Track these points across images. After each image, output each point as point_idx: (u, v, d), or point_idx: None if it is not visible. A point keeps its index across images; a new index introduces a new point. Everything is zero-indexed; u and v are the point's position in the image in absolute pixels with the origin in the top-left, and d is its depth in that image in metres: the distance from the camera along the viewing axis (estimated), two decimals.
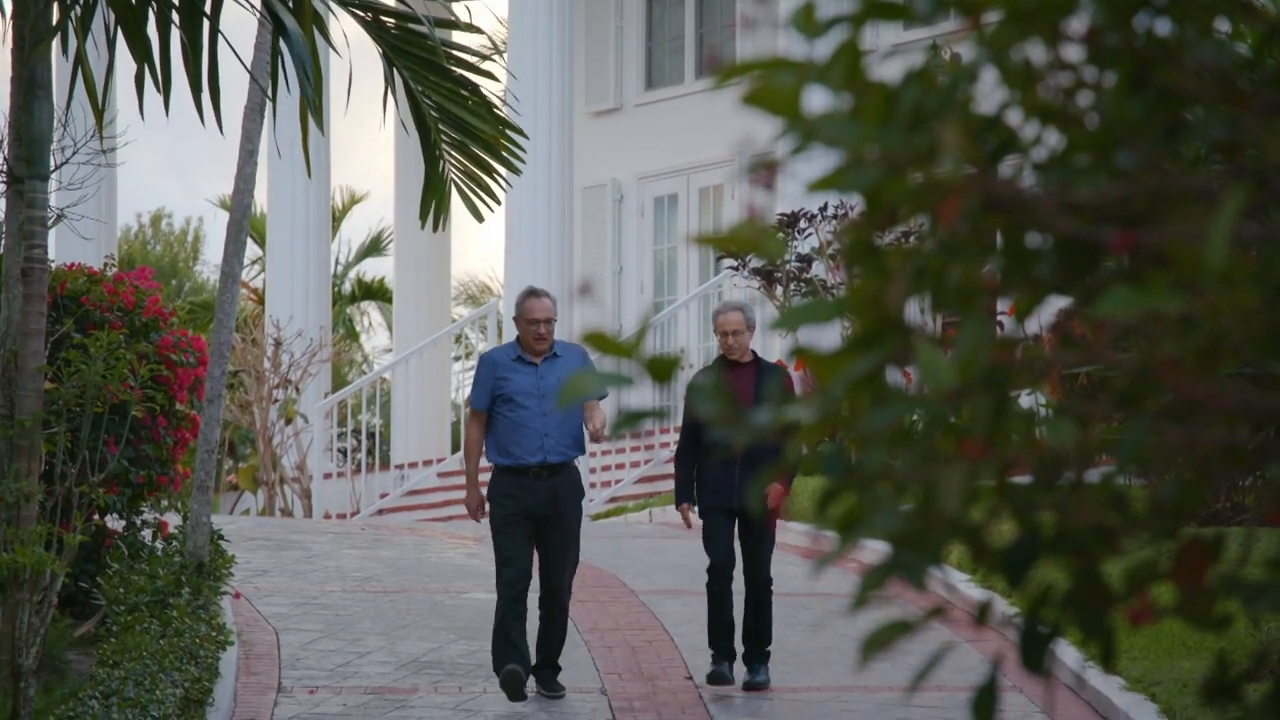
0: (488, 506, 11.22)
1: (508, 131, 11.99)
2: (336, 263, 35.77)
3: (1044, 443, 2.65)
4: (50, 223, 10.48)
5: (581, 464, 21.21)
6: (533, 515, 11.11)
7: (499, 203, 12.66)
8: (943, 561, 2.71)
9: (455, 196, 12.20)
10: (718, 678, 11.43)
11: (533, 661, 11.38)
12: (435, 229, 12.62)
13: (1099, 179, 2.56)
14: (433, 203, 12.09)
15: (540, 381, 11.17)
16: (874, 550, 2.77)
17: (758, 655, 11.55)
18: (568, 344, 11.35)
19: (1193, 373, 2.45)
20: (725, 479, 11.36)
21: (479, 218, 12.29)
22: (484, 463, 11.55)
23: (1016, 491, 2.68)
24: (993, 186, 2.58)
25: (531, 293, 11.31)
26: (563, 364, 11.21)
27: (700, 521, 11.56)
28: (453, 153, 12.09)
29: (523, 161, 12.32)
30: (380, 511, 22.80)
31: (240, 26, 34.14)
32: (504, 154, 12.08)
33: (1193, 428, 2.49)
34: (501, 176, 12.30)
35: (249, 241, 24.33)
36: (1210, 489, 2.55)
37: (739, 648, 11.65)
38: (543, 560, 11.19)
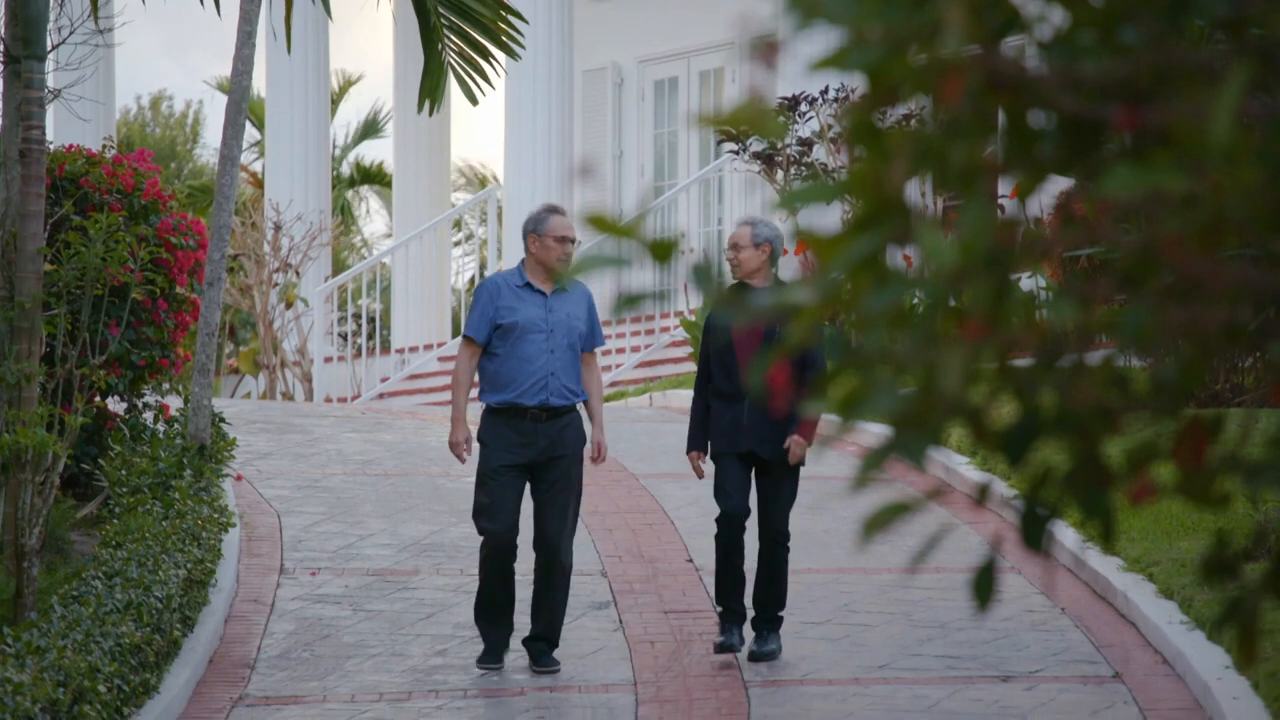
0: (476, 447, 9.99)
1: (506, 15, 11.93)
2: (334, 146, 35.65)
3: (1045, 324, 2.65)
4: (47, 102, 10.43)
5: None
6: (527, 464, 9.89)
7: (493, 87, 12.61)
8: (942, 444, 2.72)
9: (452, 80, 12.16)
10: (725, 648, 10.02)
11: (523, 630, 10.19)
12: (430, 113, 12.57)
13: (1103, 56, 2.54)
14: (430, 86, 12.04)
15: (550, 314, 9.92)
16: (873, 434, 2.79)
17: (767, 620, 10.07)
18: (575, 280, 10.04)
19: (1195, 252, 2.45)
20: (735, 420, 9.97)
21: (473, 101, 12.25)
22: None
23: (1017, 373, 2.68)
24: (996, 65, 2.56)
25: (554, 209, 9.99)
26: (571, 300, 9.99)
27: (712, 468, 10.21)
28: (451, 36, 12.04)
29: (521, 46, 12.26)
30: (381, 395, 22.85)
31: None
32: (503, 38, 12.02)
33: (1194, 307, 2.49)
34: (497, 61, 12.23)
35: (248, 125, 24.23)
36: (1211, 369, 2.56)
37: (749, 611, 10.19)
38: (537, 511, 9.92)
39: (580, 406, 10.15)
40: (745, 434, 9.94)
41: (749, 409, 9.90)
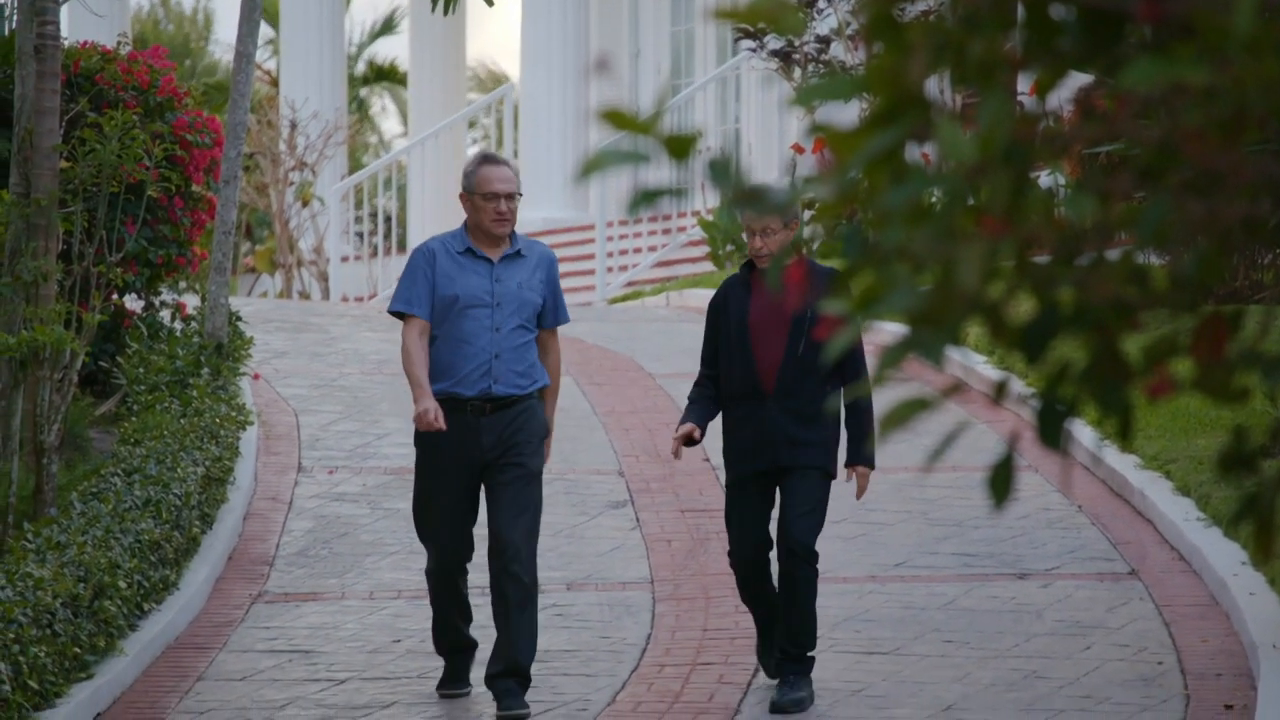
0: (415, 453, 8.36)
1: None
2: (349, 44, 35.50)
3: (1064, 220, 2.63)
4: None
5: (598, 270, 21.17)
6: (473, 465, 8.14)
7: None
8: (960, 342, 2.71)
9: None
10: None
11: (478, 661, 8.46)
12: (446, 12, 12.50)
13: None
14: None
15: (496, 285, 8.11)
16: (890, 333, 2.79)
17: (793, 663, 8.12)
18: (534, 241, 8.37)
19: (1216, 145, 2.43)
20: (758, 429, 8.06)
21: (489, 1, 12.18)
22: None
23: (1035, 269, 2.67)
24: None
25: (487, 159, 8.22)
26: (526, 267, 8.17)
27: (686, 447, 8.22)
28: None
29: None
30: None
31: None
32: None
33: (1214, 201, 2.47)
34: None
35: (262, 22, 24.08)
36: (1230, 264, 2.55)
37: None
38: (490, 513, 8.13)
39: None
40: (769, 443, 8.06)
41: (773, 411, 8.06)
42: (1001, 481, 2.77)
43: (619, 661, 8.75)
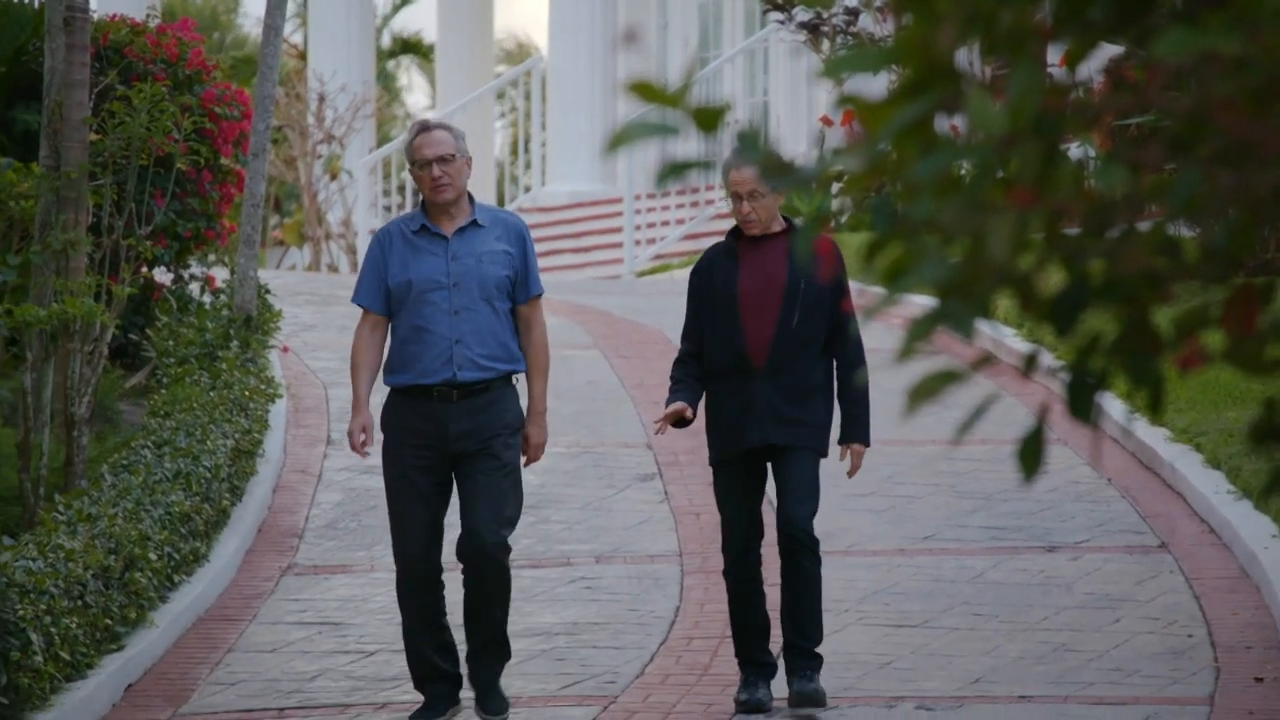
0: (381, 438, 7.79)
1: None
2: (374, 15, 35.50)
3: (1094, 191, 2.62)
4: None
5: (626, 243, 21.14)
6: (441, 455, 7.62)
7: None
8: (990, 315, 2.71)
9: None
10: (751, 706, 7.64)
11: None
12: None
13: None
14: None
15: (452, 263, 7.59)
16: (918, 305, 2.79)
17: (801, 654, 7.73)
18: (500, 211, 7.93)
19: (1247, 115, 2.42)
20: (744, 406, 7.61)
21: None
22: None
23: (1065, 240, 2.66)
24: None
25: (420, 128, 7.67)
26: (486, 239, 7.66)
27: (676, 428, 7.81)
28: None
29: None
30: None
31: None
32: None
33: (1246, 171, 2.46)
34: None
35: None
36: (1262, 235, 2.53)
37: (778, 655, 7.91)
38: (463, 503, 7.63)
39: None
40: (757, 420, 7.58)
41: (763, 387, 7.60)
42: (1031, 454, 2.76)
43: (647, 634, 8.76)
